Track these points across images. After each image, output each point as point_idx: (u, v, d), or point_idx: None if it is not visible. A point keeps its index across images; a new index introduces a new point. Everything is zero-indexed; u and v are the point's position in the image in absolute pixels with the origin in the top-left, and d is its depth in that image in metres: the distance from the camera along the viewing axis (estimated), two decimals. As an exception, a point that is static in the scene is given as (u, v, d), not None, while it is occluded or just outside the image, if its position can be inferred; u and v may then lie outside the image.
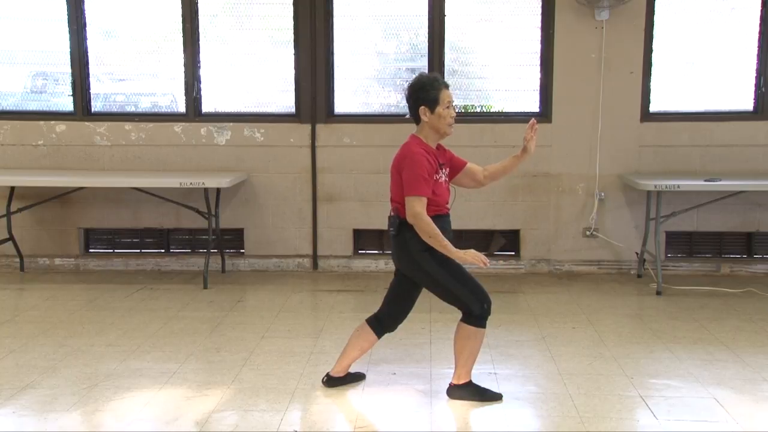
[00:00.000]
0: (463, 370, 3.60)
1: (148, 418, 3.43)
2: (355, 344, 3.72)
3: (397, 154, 3.54)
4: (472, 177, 3.86)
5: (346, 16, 6.18)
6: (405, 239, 3.50)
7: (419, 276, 3.55)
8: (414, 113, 3.56)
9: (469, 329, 3.53)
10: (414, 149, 3.48)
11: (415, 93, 3.54)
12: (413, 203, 3.40)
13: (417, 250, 3.48)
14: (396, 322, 3.70)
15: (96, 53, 6.30)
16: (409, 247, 3.50)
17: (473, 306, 3.50)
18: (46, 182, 5.90)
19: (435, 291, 3.56)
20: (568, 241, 6.23)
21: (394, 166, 3.53)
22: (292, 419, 3.39)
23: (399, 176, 3.48)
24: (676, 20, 6.07)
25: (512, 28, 6.16)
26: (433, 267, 3.48)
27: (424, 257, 3.49)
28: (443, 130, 3.58)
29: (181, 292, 5.61)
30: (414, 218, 3.40)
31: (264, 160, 6.24)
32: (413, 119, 3.59)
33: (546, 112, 6.14)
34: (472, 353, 3.58)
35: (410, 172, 3.42)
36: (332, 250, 6.32)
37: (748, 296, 5.47)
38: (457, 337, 3.57)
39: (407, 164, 3.45)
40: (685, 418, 3.40)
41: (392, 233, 3.54)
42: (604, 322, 4.86)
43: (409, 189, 3.41)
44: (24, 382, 3.80)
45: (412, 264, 3.52)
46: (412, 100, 3.56)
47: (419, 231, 3.41)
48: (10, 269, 6.34)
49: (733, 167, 6.04)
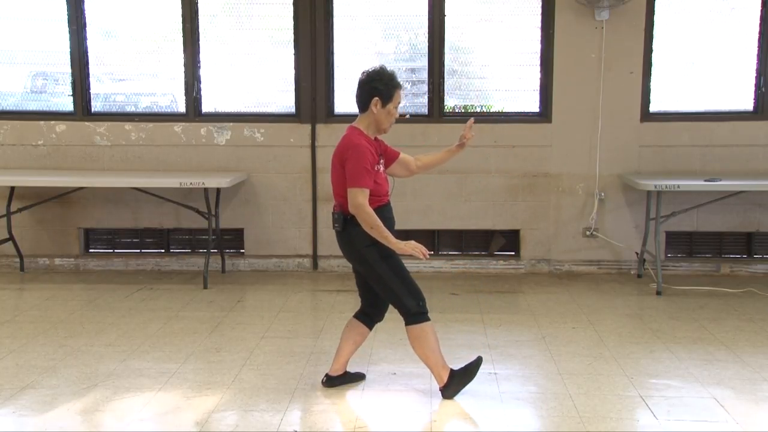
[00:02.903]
0: (440, 369, 3.60)
1: (148, 418, 3.43)
2: (348, 339, 3.73)
3: (339, 146, 3.52)
4: (406, 167, 3.87)
5: (346, 16, 6.18)
6: (350, 235, 3.51)
7: (365, 269, 3.56)
8: (364, 102, 3.54)
9: (415, 328, 3.53)
10: (356, 141, 3.47)
11: (372, 82, 3.52)
12: (356, 195, 3.40)
13: (363, 245, 3.50)
14: (381, 311, 3.73)
15: (96, 53, 6.30)
16: (355, 243, 3.51)
17: (408, 302, 3.50)
18: (46, 182, 5.89)
19: (377, 286, 3.57)
20: (568, 241, 6.23)
21: (336, 158, 3.50)
22: (292, 419, 3.39)
23: (342, 168, 3.47)
24: (676, 20, 6.07)
25: (512, 28, 6.16)
26: (377, 262, 3.50)
27: (370, 252, 3.50)
28: (384, 127, 3.60)
29: (181, 292, 5.61)
30: (356, 209, 3.41)
31: (264, 160, 6.24)
32: (359, 107, 3.56)
33: (546, 112, 6.14)
34: (434, 350, 3.56)
35: (354, 164, 3.42)
36: (332, 250, 6.31)
37: (748, 296, 5.47)
38: (413, 345, 3.57)
39: (351, 155, 3.43)
40: (685, 418, 3.40)
41: (337, 229, 3.53)
42: (604, 322, 4.86)
43: (353, 181, 3.41)
44: (24, 382, 3.80)
45: (359, 259, 3.54)
46: (366, 88, 3.52)
47: (361, 222, 3.43)
48: (10, 269, 6.34)
49: (733, 167, 6.04)
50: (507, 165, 6.15)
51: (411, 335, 3.55)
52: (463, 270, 6.27)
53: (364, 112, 3.56)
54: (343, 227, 3.52)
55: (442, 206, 6.24)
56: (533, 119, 6.18)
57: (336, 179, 3.53)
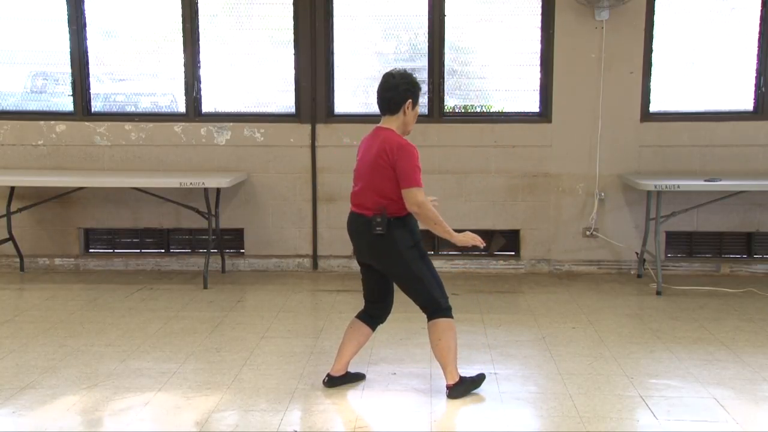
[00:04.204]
0: (454, 368, 3.62)
1: (148, 418, 3.43)
2: (351, 340, 3.73)
3: (380, 148, 3.47)
4: None
5: (346, 16, 6.18)
6: (394, 237, 3.49)
7: (399, 271, 3.55)
8: (397, 104, 3.53)
9: (444, 322, 3.57)
10: (403, 141, 3.49)
11: (405, 84, 3.53)
12: (416, 194, 3.41)
13: (407, 246, 3.50)
14: (386, 313, 3.76)
15: (96, 53, 6.30)
16: (398, 244, 3.49)
17: (442, 299, 3.58)
18: (46, 182, 5.89)
19: (409, 285, 3.57)
20: (568, 241, 6.23)
21: (382, 159, 3.45)
22: (292, 419, 3.39)
23: (389, 170, 3.43)
24: (676, 20, 6.07)
25: (512, 28, 6.16)
26: (417, 263, 3.52)
27: (412, 254, 3.51)
28: (410, 128, 3.62)
29: (181, 292, 5.61)
30: (419, 208, 3.42)
31: (264, 160, 6.24)
32: (390, 109, 3.55)
33: (546, 112, 6.14)
34: (452, 349, 3.59)
35: (407, 164, 3.42)
36: (332, 250, 6.32)
37: (748, 296, 5.47)
38: (437, 337, 3.58)
39: (403, 156, 3.42)
40: (685, 418, 3.40)
41: (380, 233, 3.46)
42: (604, 322, 4.86)
43: (410, 181, 3.41)
44: (24, 382, 3.80)
45: (398, 261, 3.52)
46: (400, 90, 3.52)
47: (425, 219, 3.44)
48: (10, 269, 6.34)
49: (733, 167, 6.04)
50: (507, 165, 6.15)
51: (438, 328, 3.56)
52: (463, 270, 6.27)
53: (394, 114, 3.55)
54: (387, 230, 3.46)
55: (442, 206, 6.12)
56: (533, 119, 6.18)
57: (380, 181, 3.47)
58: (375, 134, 3.58)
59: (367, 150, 3.57)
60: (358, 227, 3.58)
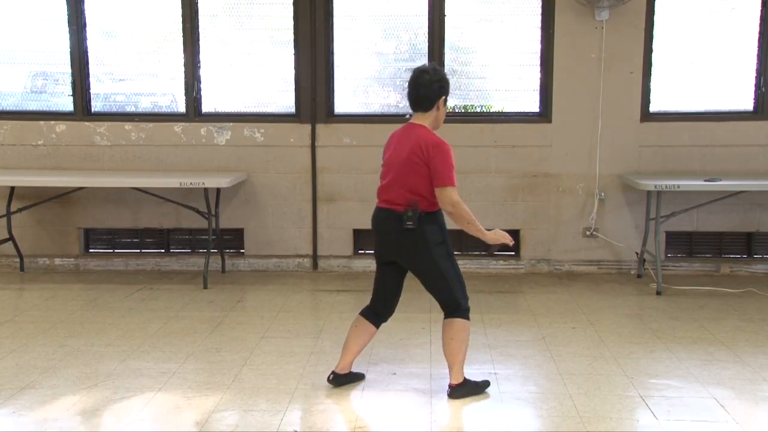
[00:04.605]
0: (460, 369, 3.62)
1: (148, 418, 3.43)
2: (358, 337, 3.71)
3: (414, 144, 3.45)
4: None
5: (346, 16, 6.18)
6: (424, 232, 3.48)
7: (425, 267, 3.53)
8: (432, 100, 3.52)
9: (461, 323, 3.56)
10: (439, 139, 3.48)
11: (440, 81, 3.53)
12: (451, 193, 3.43)
13: (435, 243, 3.50)
14: (391, 311, 3.75)
15: (96, 53, 6.30)
16: (428, 240, 3.49)
17: (462, 300, 3.57)
18: (46, 182, 5.89)
19: (433, 282, 3.56)
20: (568, 241, 6.23)
21: (415, 156, 3.44)
22: (292, 419, 3.39)
23: (425, 167, 3.43)
24: (676, 20, 6.07)
25: (512, 28, 6.16)
26: (443, 260, 3.53)
27: (439, 249, 3.51)
28: (440, 124, 3.62)
29: (181, 292, 5.61)
30: (454, 207, 3.43)
31: (264, 160, 6.24)
32: (423, 106, 3.53)
33: (546, 112, 6.14)
34: (462, 350, 3.60)
35: (443, 162, 3.43)
36: (332, 250, 6.32)
37: (748, 296, 5.47)
38: (450, 336, 3.57)
39: (438, 154, 3.42)
40: (685, 418, 3.40)
41: (410, 227, 3.44)
42: (604, 322, 4.86)
43: (446, 179, 3.42)
44: (24, 382, 3.80)
45: (426, 257, 3.50)
46: (436, 87, 3.51)
47: (458, 218, 3.45)
48: (10, 269, 6.34)
49: (733, 167, 6.04)
50: (507, 165, 6.15)
51: (453, 327, 3.55)
52: (463, 270, 6.14)
53: (428, 111, 3.54)
54: (418, 224, 3.45)
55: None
56: (533, 119, 6.17)
57: (412, 177, 3.46)
58: (408, 130, 3.56)
59: (399, 145, 3.55)
60: (387, 222, 3.54)
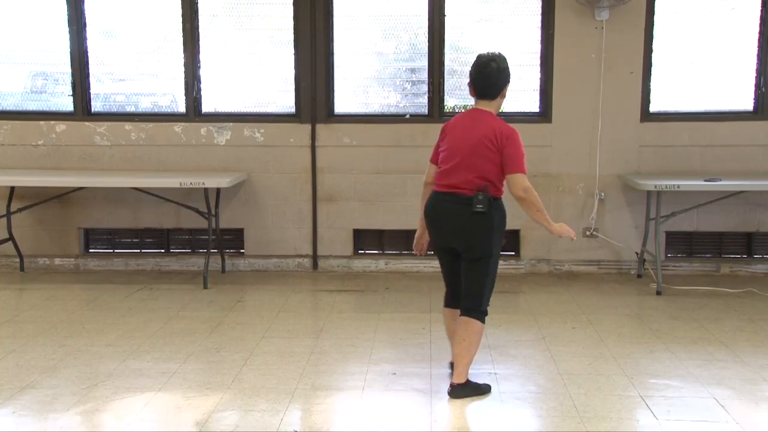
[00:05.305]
0: (466, 369, 3.62)
1: (148, 418, 3.43)
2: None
3: (491, 131, 3.50)
4: None
5: (346, 16, 6.18)
6: (492, 217, 3.52)
7: (481, 252, 3.55)
8: (499, 88, 3.59)
9: (477, 325, 3.59)
10: (511, 127, 3.55)
11: (507, 69, 3.59)
12: (523, 179, 3.51)
13: (499, 229, 3.56)
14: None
15: (96, 53, 6.30)
16: (494, 225, 3.54)
17: (486, 303, 3.63)
18: (46, 182, 5.89)
19: (476, 273, 3.58)
20: (568, 241, 6.18)
21: (490, 142, 3.49)
22: (292, 419, 3.40)
23: (496, 153, 3.49)
24: (676, 20, 6.07)
25: (512, 28, 6.16)
26: (496, 249, 3.59)
27: (498, 239, 3.57)
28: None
29: (181, 292, 5.61)
30: (526, 193, 3.50)
31: (264, 160, 6.24)
32: (490, 94, 3.59)
33: (546, 112, 6.14)
34: (472, 352, 3.61)
35: (516, 150, 3.51)
36: (332, 250, 6.32)
37: (748, 296, 5.47)
38: (464, 336, 3.57)
39: (511, 142, 3.50)
40: (685, 418, 3.40)
41: (480, 210, 3.47)
42: (604, 322, 4.86)
43: (519, 166, 3.51)
44: (24, 382, 3.80)
45: (486, 242, 3.54)
46: (503, 75, 3.58)
47: (530, 205, 3.51)
48: (10, 269, 6.34)
49: (733, 167, 6.04)
50: (507, 165, 6.14)
51: (471, 328, 3.56)
52: (463, 270, 6.25)
53: (494, 98, 3.60)
54: (488, 208, 3.49)
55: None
56: (533, 119, 6.17)
57: (482, 162, 3.51)
58: (475, 116, 3.60)
59: (467, 130, 3.57)
60: (452, 206, 3.56)
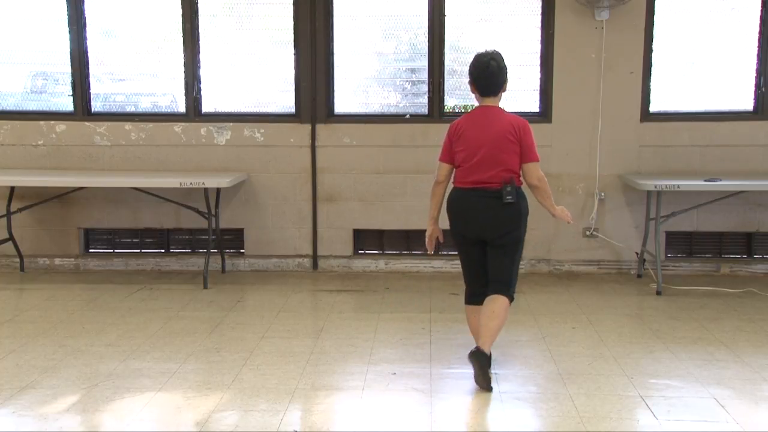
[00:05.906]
0: (493, 340, 3.76)
1: (148, 418, 3.43)
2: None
3: (510, 123, 3.73)
4: None
5: (346, 16, 6.18)
6: (520, 206, 3.75)
7: (510, 240, 3.78)
8: (502, 84, 3.84)
9: (507, 303, 3.76)
10: (523, 119, 3.77)
11: (505, 66, 3.83)
12: (537, 168, 3.76)
13: (525, 215, 3.79)
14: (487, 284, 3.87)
15: (96, 53, 6.30)
16: (522, 214, 3.77)
17: (514, 287, 3.80)
18: (46, 182, 5.89)
19: (506, 259, 3.79)
20: (568, 241, 6.23)
21: (510, 134, 3.70)
22: (292, 419, 3.40)
23: (517, 145, 3.71)
24: (676, 20, 6.07)
25: (512, 28, 6.16)
26: (523, 235, 3.82)
27: (525, 224, 3.81)
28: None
29: (181, 292, 5.61)
30: (540, 181, 3.77)
31: (264, 160, 6.24)
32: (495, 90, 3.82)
33: (546, 112, 6.14)
34: (500, 327, 3.77)
35: (531, 140, 3.75)
36: (332, 250, 6.32)
37: (748, 296, 5.47)
38: (495, 313, 3.71)
39: (527, 132, 3.75)
40: (685, 418, 3.40)
41: (510, 200, 3.69)
42: (604, 322, 4.86)
43: (534, 155, 3.75)
44: (24, 382, 3.80)
45: (515, 230, 3.78)
46: (503, 73, 3.82)
47: (543, 192, 3.76)
48: (10, 269, 6.34)
49: (733, 167, 6.04)
50: (507, 165, 6.14)
51: (502, 306, 3.75)
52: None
53: (497, 94, 3.83)
54: (516, 198, 3.72)
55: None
56: (533, 119, 6.13)
57: (507, 155, 3.72)
58: (488, 113, 3.81)
59: (485, 128, 3.76)
60: (482, 201, 3.75)
